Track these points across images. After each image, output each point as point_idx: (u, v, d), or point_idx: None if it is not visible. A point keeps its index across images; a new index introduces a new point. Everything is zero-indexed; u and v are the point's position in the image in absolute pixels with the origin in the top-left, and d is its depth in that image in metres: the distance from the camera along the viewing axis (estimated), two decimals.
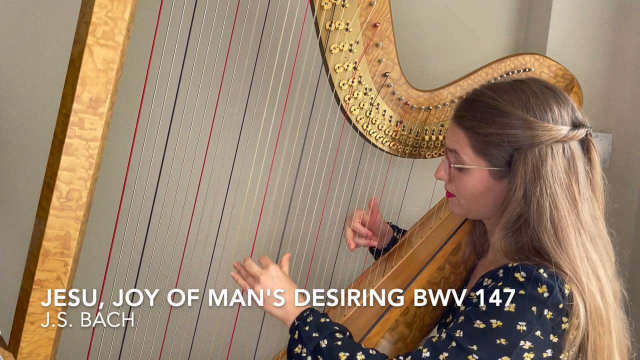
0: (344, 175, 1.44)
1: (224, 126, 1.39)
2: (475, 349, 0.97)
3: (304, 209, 1.44)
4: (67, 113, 0.97)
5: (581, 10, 1.64)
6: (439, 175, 1.15)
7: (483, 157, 1.07)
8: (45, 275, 1.01)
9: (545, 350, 0.97)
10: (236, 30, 1.19)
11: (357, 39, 1.22)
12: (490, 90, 1.09)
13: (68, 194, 0.99)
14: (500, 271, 1.02)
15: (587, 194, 1.04)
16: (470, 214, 1.17)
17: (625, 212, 1.67)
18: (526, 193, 1.02)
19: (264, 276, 1.11)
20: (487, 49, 1.70)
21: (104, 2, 0.94)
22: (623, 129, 1.71)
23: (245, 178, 1.35)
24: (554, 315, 0.97)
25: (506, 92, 1.07)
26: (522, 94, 1.06)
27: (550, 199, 1.01)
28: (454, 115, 1.12)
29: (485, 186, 1.08)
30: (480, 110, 1.07)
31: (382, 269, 1.33)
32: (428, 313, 1.21)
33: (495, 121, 1.05)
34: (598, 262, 1.03)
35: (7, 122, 1.45)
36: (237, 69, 1.30)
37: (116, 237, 1.13)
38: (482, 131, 1.06)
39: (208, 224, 1.47)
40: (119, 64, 0.98)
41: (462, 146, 1.08)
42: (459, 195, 1.12)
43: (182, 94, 1.13)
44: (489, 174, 1.07)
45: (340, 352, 1.03)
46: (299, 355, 1.06)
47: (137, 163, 1.14)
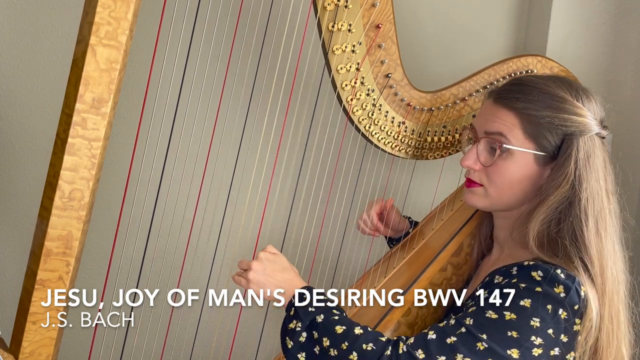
0: (346, 177, 1.44)
1: (227, 126, 1.38)
2: (485, 337, 0.96)
3: (306, 210, 1.44)
4: (70, 113, 0.97)
5: (581, 10, 1.64)
6: (467, 164, 1.10)
7: (533, 141, 1.05)
8: (47, 275, 1.01)
9: (554, 349, 0.97)
10: (239, 30, 1.19)
11: (360, 40, 1.21)
12: (536, 77, 1.10)
13: (70, 194, 0.99)
14: (514, 269, 1.02)
15: (615, 188, 1.07)
16: (494, 205, 1.12)
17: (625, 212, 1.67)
18: (578, 178, 1.03)
19: (255, 263, 1.08)
20: (487, 50, 1.70)
21: (107, 2, 0.94)
22: (623, 129, 1.71)
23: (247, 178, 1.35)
24: (568, 316, 0.97)
25: (553, 80, 1.08)
26: (569, 84, 1.07)
27: (598, 186, 1.03)
28: (498, 97, 1.09)
29: (526, 172, 1.07)
30: (533, 92, 1.06)
31: (383, 269, 1.33)
32: (430, 314, 1.21)
33: (550, 105, 1.05)
34: (619, 252, 1.05)
35: (7, 122, 1.44)
36: (240, 69, 1.30)
37: (117, 237, 1.13)
38: (537, 113, 1.05)
39: (209, 223, 1.46)
40: (122, 64, 0.98)
41: (510, 128, 1.06)
42: (490, 184, 1.09)
43: (185, 94, 1.13)
44: (534, 159, 1.06)
45: (337, 326, 1.01)
46: (293, 330, 1.02)
47: (140, 163, 1.13)
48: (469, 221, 1.30)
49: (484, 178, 1.10)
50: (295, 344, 1.02)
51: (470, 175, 1.12)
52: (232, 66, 1.26)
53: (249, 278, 1.07)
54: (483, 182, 1.10)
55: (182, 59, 1.09)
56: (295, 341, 1.02)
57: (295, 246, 1.40)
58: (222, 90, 1.24)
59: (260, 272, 1.07)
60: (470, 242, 1.27)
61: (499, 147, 1.06)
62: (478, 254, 1.26)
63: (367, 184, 1.44)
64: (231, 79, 1.30)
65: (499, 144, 1.07)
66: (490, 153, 1.09)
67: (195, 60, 1.13)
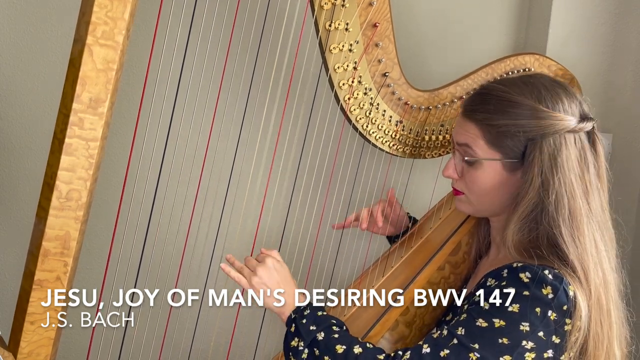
0: (343, 176, 1.44)
1: (224, 126, 1.38)
2: (476, 347, 0.97)
3: (303, 209, 1.44)
4: (67, 113, 0.97)
5: (581, 10, 1.64)
6: (447, 173, 1.14)
7: (497, 149, 1.07)
8: (45, 275, 1.01)
9: (547, 351, 0.97)
10: (236, 30, 1.19)
11: (357, 39, 1.21)
12: (500, 84, 1.10)
13: (68, 194, 0.99)
14: (504, 271, 1.02)
15: (596, 185, 1.05)
16: (479, 212, 1.16)
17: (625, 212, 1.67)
18: (543, 182, 1.03)
19: (261, 268, 1.11)
20: (487, 49, 1.70)
21: (104, 2, 0.94)
22: (623, 129, 1.71)
23: (245, 178, 1.35)
24: (557, 317, 0.97)
25: (516, 85, 1.08)
26: (533, 87, 1.07)
27: (567, 187, 1.02)
28: (463, 110, 1.12)
29: (497, 180, 1.08)
30: (492, 102, 1.07)
31: (382, 269, 1.33)
32: (428, 313, 1.21)
33: (508, 112, 1.05)
34: (604, 252, 1.04)
35: (7, 122, 1.45)
36: (237, 69, 1.30)
37: (116, 237, 1.13)
38: (495, 122, 1.06)
39: (208, 223, 1.46)
40: (119, 64, 0.98)
41: (474, 139, 1.08)
42: (469, 192, 1.12)
43: (182, 93, 1.13)
44: (502, 166, 1.07)
45: (337, 345, 1.03)
46: (296, 349, 1.06)
47: (137, 163, 1.13)
48: (467, 220, 1.31)
49: (464, 187, 1.13)
50: None
51: (453, 184, 1.16)
52: (229, 65, 1.26)
53: (252, 283, 1.10)
54: (464, 190, 1.13)
55: (179, 59, 1.09)
56: (299, 358, 1.06)
57: (294, 245, 1.40)
58: (219, 90, 1.24)
59: (265, 278, 1.10)
60: (468, 241, 1.27)
61: (463, 159, 1.10)
62: (477, 253, 1.26)
63: (365, 182, 1.44)
64: (228, 79, 1.31)
65: (465, 155, 1.10)
66: (465, 163, 1.11)
67: (192, 60, 1.13)
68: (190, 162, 1.31)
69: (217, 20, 1.15)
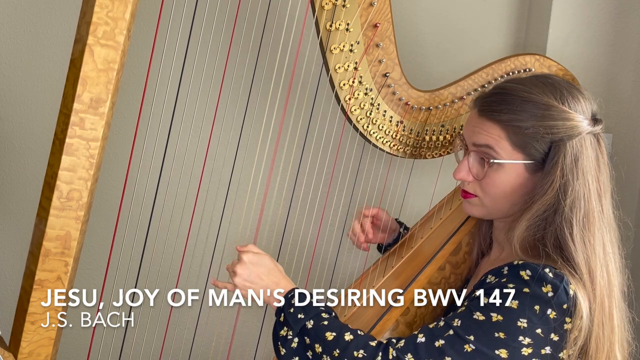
0: (344, 176, 1.44)
1: (225, 126, 1.39)
2: (472, 339, 0.97)
3: (304, 210, 1.44)
4: (68, 113, 0.97)
5: (581, 10, 1.64)
6: (459, 176, 1.11)
7: (522, 151, 1.05)
8: (45, 275, 1.01)
9: (544, 347, 0.97)
10: (237, 30, 1.19)
11: (358, 39, 1.22)
12: (520, 84, 1.08)
13: (69, 194, 0.99)
14: (505, 269, 1.02)
15: (608, 186, 1.06)
16: (492, 214, 1.13)
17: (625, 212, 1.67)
18: (564, 184, 1.02)
19: (239, 267, 1.08)
20: (487, 49, 1.70)
21: (105, 2, 0.94)
22: (623, 129, 1.71)
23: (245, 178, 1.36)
24: (557, 315, 0.97)
25: (537, 85, 1.06)
26: (554, 88, 1.06)
27: (585, 189, 1.02)
28: (482, 110, 1.08)
29: (518, 182, 1.06)
30: (516, 103, 1.05)
31: (382, 269, 1.33)
32: (428, 313, 1.21)
33: (534, 113, 1.04)
34: (610, 254, 1.04)
35: (7, 122, 1.45)
36: (238, 69, 1.30)
37: (116, 237, 1.13)
38: (521, 124, 1.04)
39: (208, 224, 1.47)
40: (120, 64, 0.98)
41: (497, 140, 1.06)
42: (484, 195, 1.09)
43: (183, 94, 1.13)
44: (525, 168, 1.06)
45: (327, 332, 1.02)
46: (285, 338, 1.04)
47: (138, 163, 1.14)
48: (467, 220, 1.31)
49: (477, 189, 1.10)
50: (287, 351, 1.05)
51: (464, 186, 1.12)
52: (230, 66, 1.26)
53: (235, 283, 1.08)
54: (477, 193, 1.11)
55: (179, 59, 1.09)
56: (288, 348, 1.04)
57: (294, 245, 1.40)
58: (219, 91, 1.24)
59: (245, 276, 1.08)
60: (469, 241, 1.27)
61: (487, 161, 1.07)
62: (478, 253, 1.26)
63: (366, 182, 1.44)
64: (229, 79, 1.31)
65: (487, 158, 1.07)
66: (481, 165, 1.09)
67: (193, 61, 1.13)
68: (191, 162, 1.31)
69: (218, 20, 1.15)
